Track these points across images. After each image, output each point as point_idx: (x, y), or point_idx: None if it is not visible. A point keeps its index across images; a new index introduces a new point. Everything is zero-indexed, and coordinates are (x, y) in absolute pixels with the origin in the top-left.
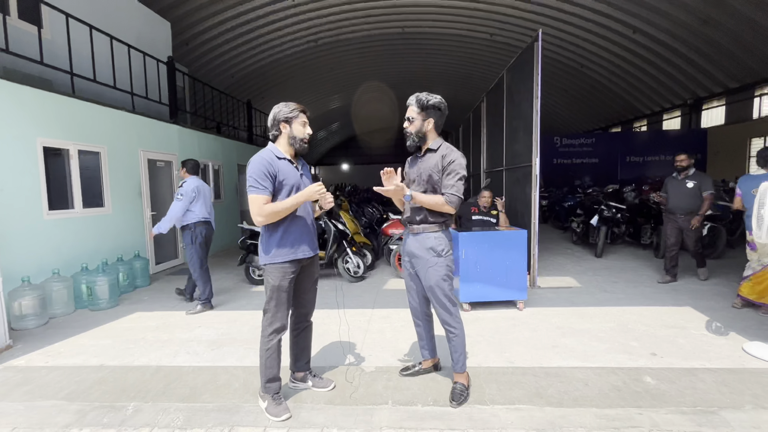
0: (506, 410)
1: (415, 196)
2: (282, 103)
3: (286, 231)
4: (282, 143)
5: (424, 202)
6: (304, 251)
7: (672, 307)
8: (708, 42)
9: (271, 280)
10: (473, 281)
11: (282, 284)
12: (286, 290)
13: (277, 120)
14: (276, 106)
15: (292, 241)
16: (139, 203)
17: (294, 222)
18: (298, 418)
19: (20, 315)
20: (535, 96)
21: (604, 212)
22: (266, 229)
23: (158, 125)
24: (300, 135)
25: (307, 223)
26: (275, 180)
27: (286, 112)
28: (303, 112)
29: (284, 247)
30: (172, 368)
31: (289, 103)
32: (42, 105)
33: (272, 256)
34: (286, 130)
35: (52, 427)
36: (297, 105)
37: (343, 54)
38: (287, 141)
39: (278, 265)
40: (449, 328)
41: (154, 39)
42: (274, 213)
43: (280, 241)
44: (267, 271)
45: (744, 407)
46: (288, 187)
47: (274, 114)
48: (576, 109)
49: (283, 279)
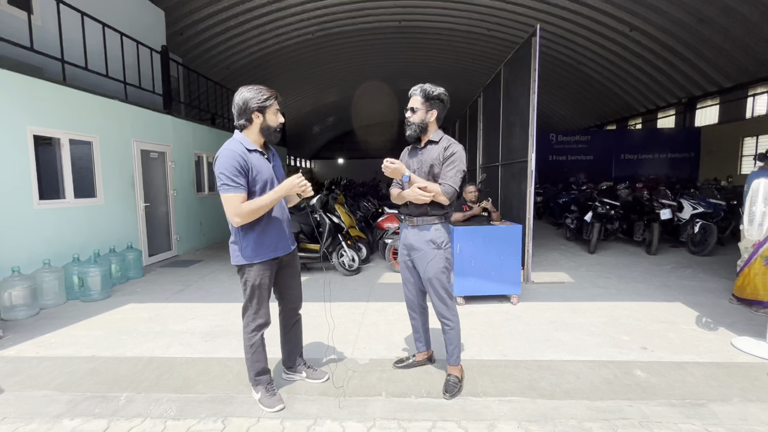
0: (499, 402)
1: (413, 178)
2: (251, 89)
3: (264, 229)
4: (252, 133)
5: (421, 185)
6: (285, 248)
7: (663, 302)
8: (704, 41)
9: (251, 279)
10: (468, 275)
11: (263, 282)
12: (267, 287)
13: (250, 109)
14: (244, 91)
15: (271, 238)
16: (132, 194)
17: (271, 219)
18: (292, 409)
19: (10, 305)
20: (531, 91)
21: (598, 209)
22: (241, 228)
23: (152, 115)
24: (273, 125)
25: (283, 218)
26: (248, 175)
27: (260, 100)
28: (276, 98)
29: (263, 245)
30: (165, 359)
31: (260, 87)
32: (32, 93)
33: (251, 256)
34: (259, 120)
35: (43, 417)
36: (269, 90)
37: (340, 47)
38: (258, 131)
39: (258, 264)
40: (445, 320)
41: (147, 27)
42: (253, 212)
43: (258, 239)
44: (245, 270)
45: (732, 400)
46: (261, 182)
47: (244, 101)
48: (572, 106)
49: (263, 277)
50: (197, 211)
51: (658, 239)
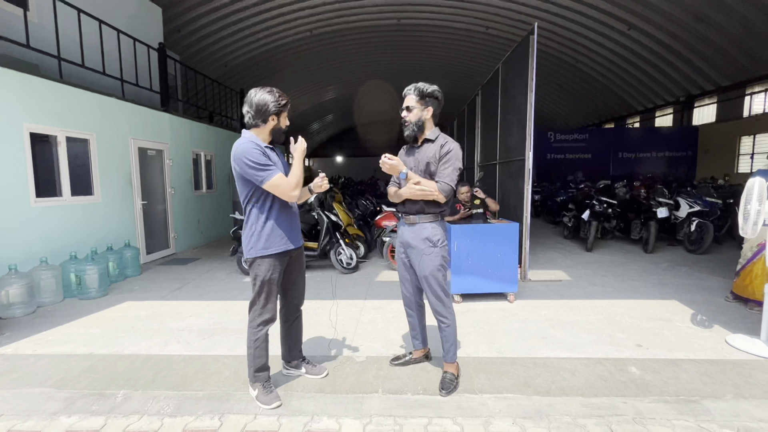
0: (494, 399)
1: (410, 175)
2: (267, 91)
3: (276, 221)
4: (263, 133)
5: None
6: (295, 241)
7: (658, 300)
8: (702, 40)
9: (261, 273)
10: (465, 273)
11: (273, 277)
12: (276, 283)
13: (269, 112)
14: (262, 93)
15: (283, 231)
16: (130, 192)
17: (282, 212)
18: (289, 406)
19: (7, 303)
20: (529, 89)
21: (596, 207)
22: (254, 221)
23: (149, 113)
24: (284, 127)
25: (294, 212)
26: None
27: (280, 104)
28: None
29: (275, 237)
30: (163, 357)
31: (273, 90)
32: (29, 90)
33: (262, 248)
34: (274, 122)
35: (40, 414)
36: (283, 94)
37: (339, 45)
38: (270, 132)
39: (269, 258)
40: (441, 318)
41: (144, 24)
42: (299, 180)
43: (271, 232)
44: (256, 264)
45: (725, 396)
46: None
47: (264, 103)
48: (570, 104)
49: (273, 272)
50: (195, 209)
51: (654, 237)
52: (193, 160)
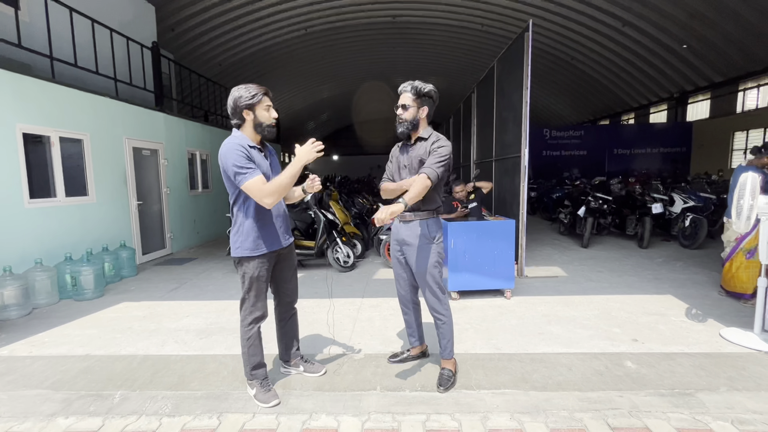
0: (492, 395)
1: (407, 200)
2: (241, 87)
3: (263, 221)
4: (248, 131)
5: (416, 194)
6: (283, 240)
7: (654, 295)
8: (695, 36)
9: (249, 271)
10: (461, 270)
11: (261, 275)
12: (265, 280)
13: (240, 107)
14: (235, 90)
15: (270, 231)
16: (125, 192)
17: (270, 211)
18: (287, 405)
19: (2, 305)
20: (524, 86)
21: (591, 203)
22: (242, 221)
23: (143, 112)
24: (266, 121)
25: (283, 211)
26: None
27: (248, 97)
28: (266, 95)
29: (262, 237)
30: (160, 357)
31: (249, 85)
32: (21, 90)
33: (250, 248)
34: (250, 117)
35: (37, 416)
36: (258, 87)
37: (334, 43)
38: (253, 128)
39: (257, 257)
40: (438, 315)
41: (138, 23)
42: (279, 188)
43: (258, 231)
44: (244, 263)
45: (719, 389)
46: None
47: (234, 100)
48: (565, 101)
49: (261, 269)
50: (191, 209)
51: (649, 233)
52: (188, 160)
